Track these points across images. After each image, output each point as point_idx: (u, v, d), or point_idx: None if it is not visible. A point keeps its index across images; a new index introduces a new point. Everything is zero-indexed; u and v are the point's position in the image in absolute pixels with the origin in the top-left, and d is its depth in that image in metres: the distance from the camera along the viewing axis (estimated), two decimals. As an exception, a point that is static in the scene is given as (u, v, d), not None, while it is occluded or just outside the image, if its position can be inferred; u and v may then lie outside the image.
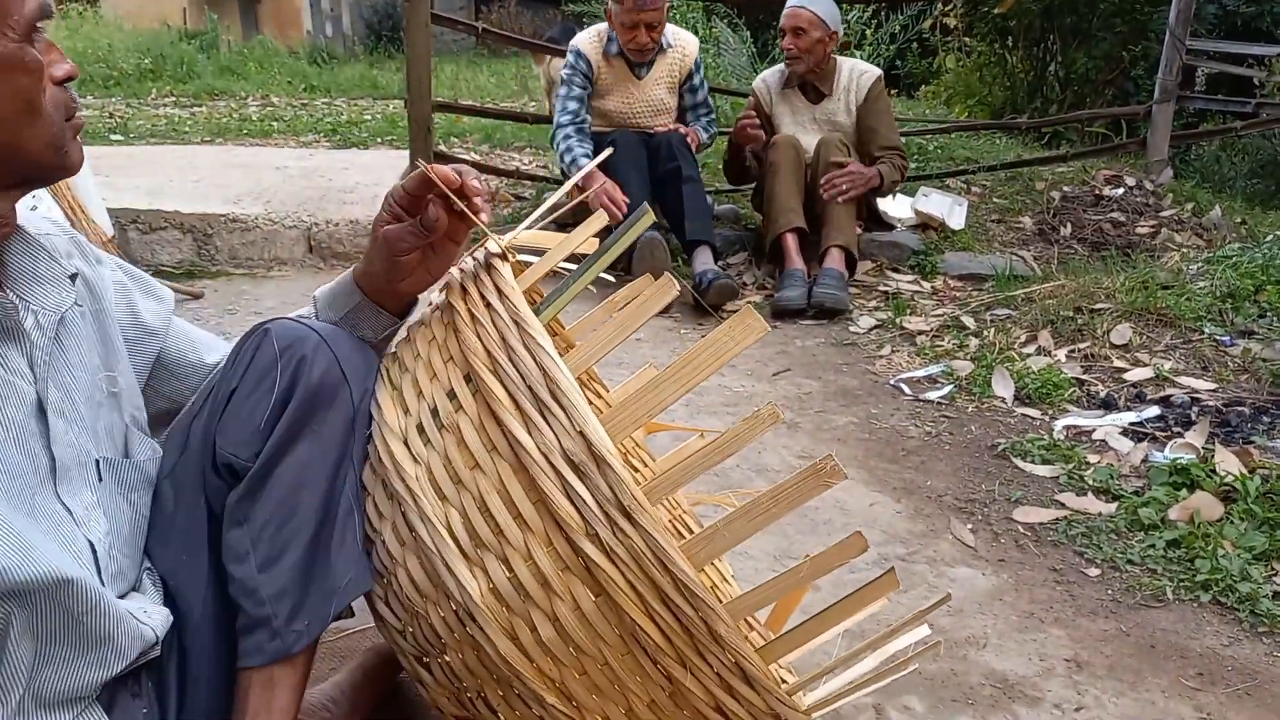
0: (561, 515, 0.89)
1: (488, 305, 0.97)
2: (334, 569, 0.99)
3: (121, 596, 0.97)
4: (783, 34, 3.64)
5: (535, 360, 0.92)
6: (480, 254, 1.04)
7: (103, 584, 0.92)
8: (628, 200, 3.30)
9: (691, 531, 1.55)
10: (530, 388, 0.92)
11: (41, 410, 0.90)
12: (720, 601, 0.89)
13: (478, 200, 1.00)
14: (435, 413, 0.98)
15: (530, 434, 0.91)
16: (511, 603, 0.93)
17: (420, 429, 0.99)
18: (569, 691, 0.96)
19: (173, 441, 1.04)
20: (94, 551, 0.92)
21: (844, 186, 3.47)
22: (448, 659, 1.00)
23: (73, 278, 0.95)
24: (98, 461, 0.96)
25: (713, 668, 0.90)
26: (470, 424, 0.95)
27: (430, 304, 1.10)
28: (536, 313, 1.00)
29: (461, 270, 1.05)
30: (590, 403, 1.43)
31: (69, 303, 0.94)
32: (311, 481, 0.97)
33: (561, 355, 0.94)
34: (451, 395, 0.98)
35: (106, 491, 0.97)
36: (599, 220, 1.13)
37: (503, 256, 1.02)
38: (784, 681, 1.28)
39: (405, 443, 0.99)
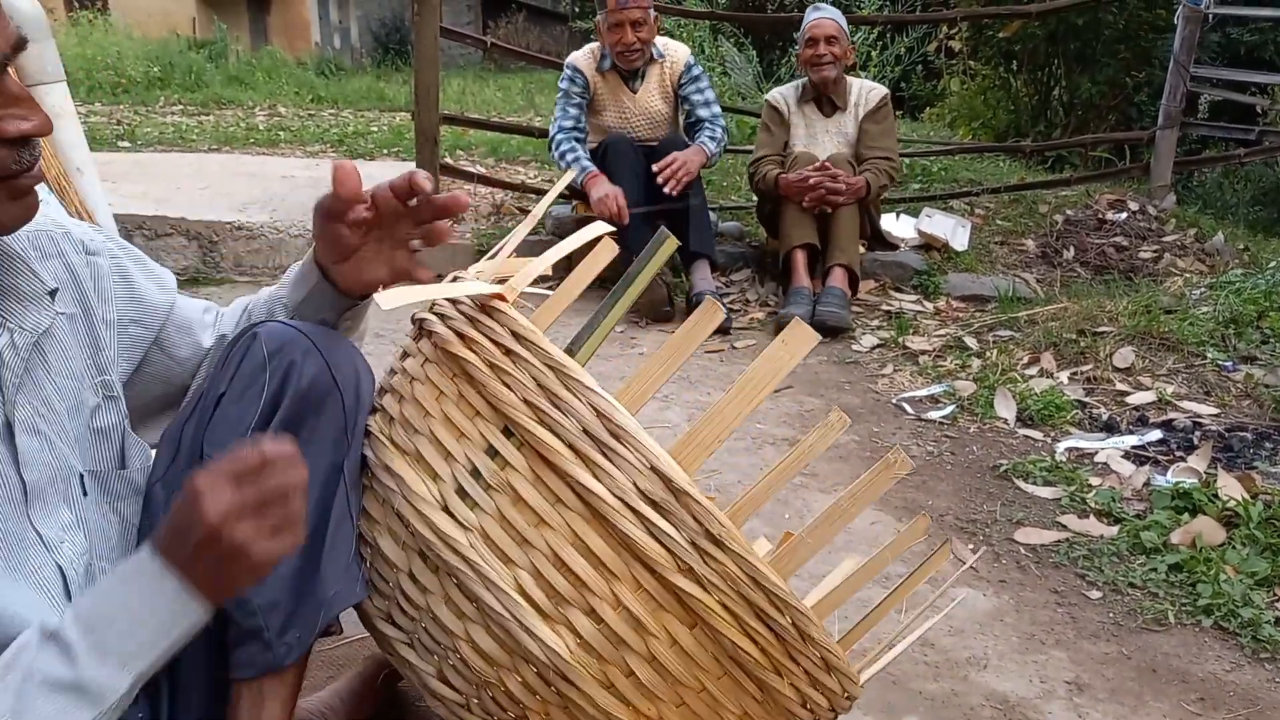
0: (650, 555, 0.87)
1: (508, 352, 0.93)
2: (323, 579, 0.97)
3: None
4: (813, 43, 3.66)
5: (586, 403, 0.89)
6: (464, 299, 0.97)
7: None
8: (627, 208, 3.31)
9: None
10: (587, 432, 0.88)
11: (10, 433, 0.86)
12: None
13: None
14: (477, 473, 0.93)
15: (599, 479, 0.88)
16: (604, 652, 0.91)
17: (462, 493, 0.93)
18: None
19: (165, 446, 1.02)
20: (63, 577, 0.89)
21: (827, 186, 3.46)
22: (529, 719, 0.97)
23: (53, 294, 0.92)
24: (82, 476, 0.93)
25: (802, 667, 0.92)
26: (524, 479, 0.90)
27: (406, 353, 1.05)
28: (569, 353, 0.96)
29: (446, 317, 0.98)
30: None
31: (47, 323, 0.90)
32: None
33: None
34: (492, 453, 0.92)
35: (91, 505, 0.94)
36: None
37: (501, 297, 0.96)
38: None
39: (446, 510, 0.93)
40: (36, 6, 2.57)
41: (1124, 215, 4.47)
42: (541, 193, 4.64)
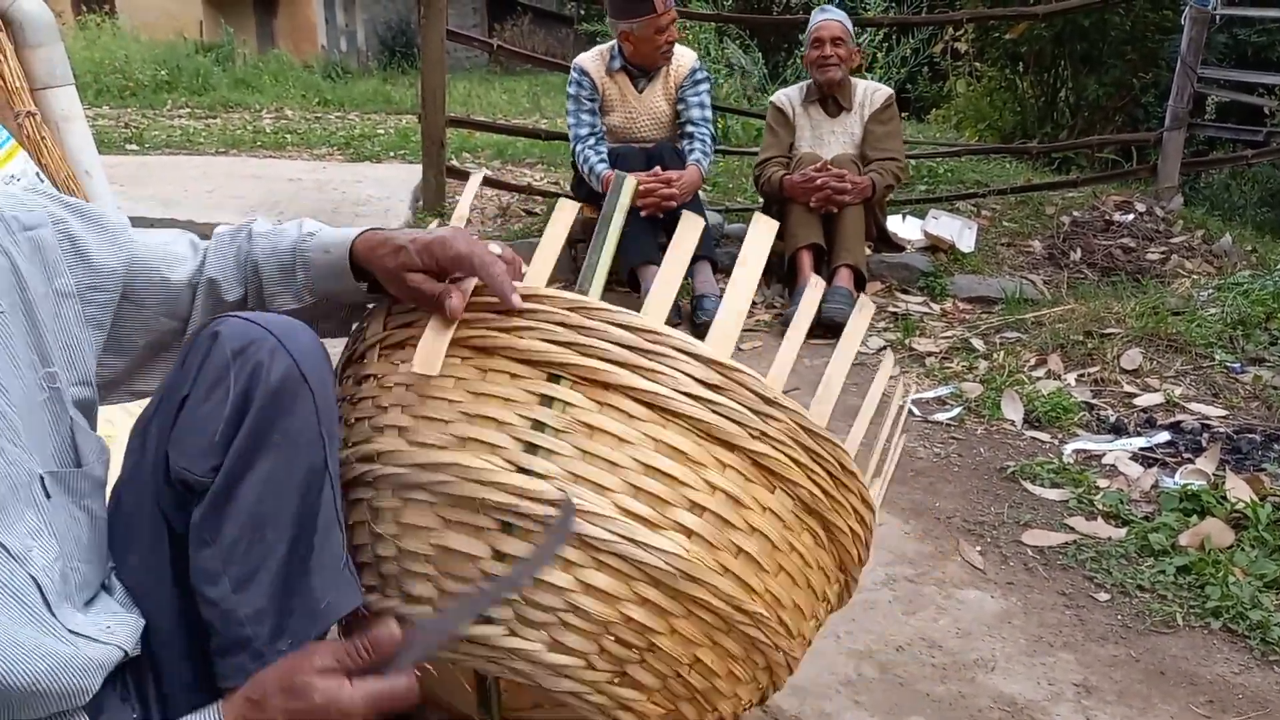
0: (727, 432, 0.95)
1: (520, 313, 0.97)
2: (314, 589, 0.93)
3: (89, 602, 0.93)
4: (819, 44, 3.69)
5: (619, 324, 0.95)
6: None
7: (52, 613, 0.86)
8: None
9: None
10: (631, 348, 0.94)
11: None
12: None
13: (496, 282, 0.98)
14: (540, 425, 0.95)
15: (659, 383, 0.94)
16: (713, 539, 0.96)
17: (532, 449, 0.95)
18: (774, 595, 1.01)
19: (133, 442, 0.98)
20: (37, 586, 0.85)
21: (829, 193, 3.47)
22: (657, 644, 0.97)
23: None
24: (42, 478, 0.88)
25: (850, 504, 1.04)
26: (591, 411, 0.95)
27: (373, 374, 1.05)
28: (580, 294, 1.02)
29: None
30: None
31: None
32: (280, 494, 0.92)
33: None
34: (548, 401, 0.96)
35: (56, 506, 0.90)
36: (567, 211, 1.13)
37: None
38: None
39: (521, 471, 0.94)
40: (45, 10, 2.58)
41: (1131, 217, 4.46)
42: (547, 194, 4.65)
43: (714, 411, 0.94)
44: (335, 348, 1.06)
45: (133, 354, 1.06)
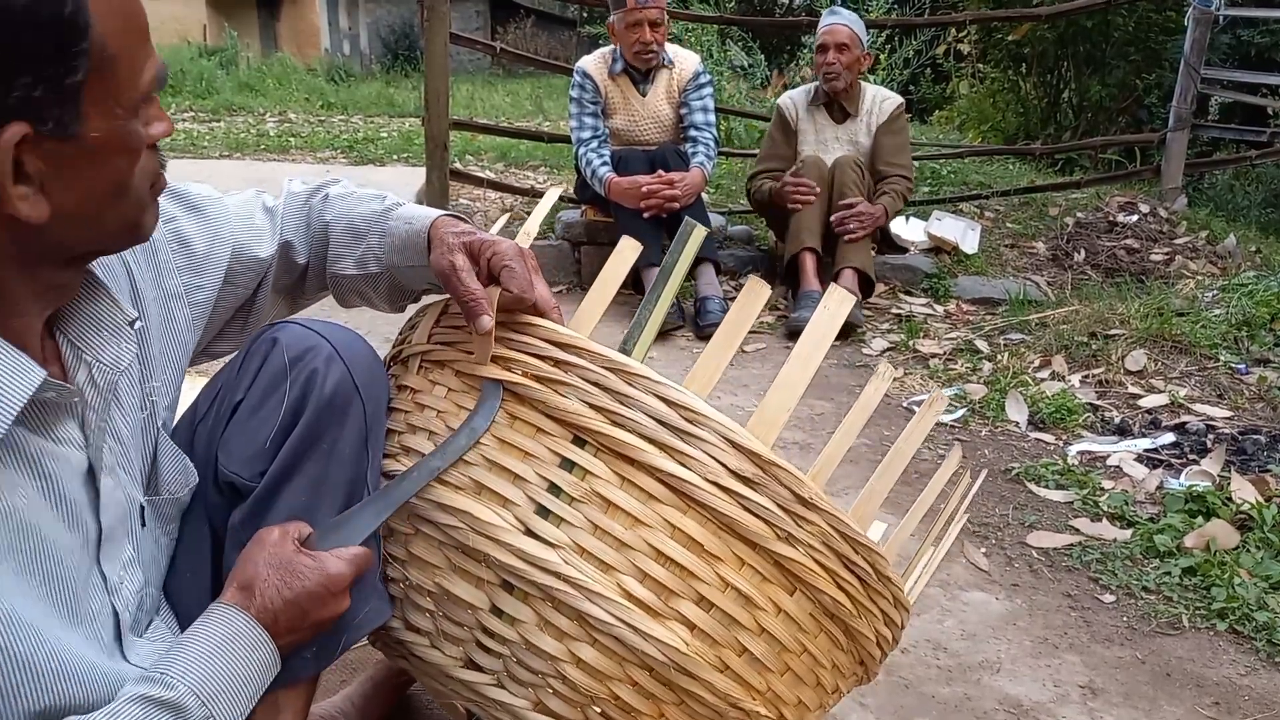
0: (750, 531, 0.89)
1: (557, 363, 0.92)
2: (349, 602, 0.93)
3: (148, 624, 0.93)
4: (823, 50, 3.66)
5: (659, 396, 0.90)
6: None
7: (121, 649, 0.85)
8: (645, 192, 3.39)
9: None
10: (664, 424, 0.89)
11: (92, 475, 0.81)
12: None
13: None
14: (556, 489, 0.91)
15: (688, 467, 0.88)
16: (718, 636, 0.91)
17: (543, 512, 0.91)
18: (776, 694, 0.96)
19: (176, 442, 0.98)
20: (116, 619, 0.84)
21: (852, 227, 3.49)
22: None
23: (132, 323, 0.84)
24: (142, 507, 0.89)
25: (879, 607, 0.98)
26: (610, 484, 0.90)
27: (415, 389, 1.01)
28: (624, 352, 0.96)
29: (458, 343, 0.98)
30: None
31: (128, 357, 0.83)
32: (321, 503, 0.92)
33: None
34: (568, 465, 0.91)
35: (147, 534, 0.90)
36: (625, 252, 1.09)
37: (539, 311, 0.97)
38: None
39: (529, 533, 0.90)
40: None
41: (1135, 218, 4.46)
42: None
43: (742, 506, 0.89)
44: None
45: (219, 325, 1.06)
